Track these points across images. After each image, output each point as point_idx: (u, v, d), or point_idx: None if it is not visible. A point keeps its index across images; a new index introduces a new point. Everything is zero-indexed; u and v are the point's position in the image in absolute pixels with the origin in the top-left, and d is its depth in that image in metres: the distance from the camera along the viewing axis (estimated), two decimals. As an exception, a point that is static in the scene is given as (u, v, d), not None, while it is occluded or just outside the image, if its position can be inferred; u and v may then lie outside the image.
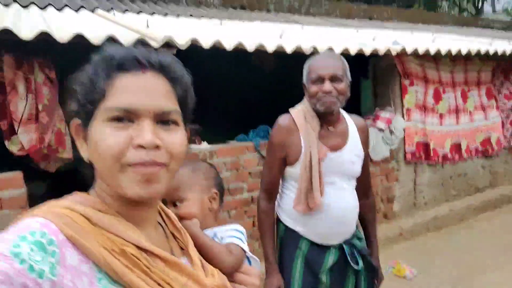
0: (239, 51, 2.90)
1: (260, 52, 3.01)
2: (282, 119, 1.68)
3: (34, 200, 3.83)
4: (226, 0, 6.67)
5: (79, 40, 2.30)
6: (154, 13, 4.91)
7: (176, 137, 0.63)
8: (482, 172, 5.08)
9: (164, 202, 0.90)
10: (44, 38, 2.22)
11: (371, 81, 4.59)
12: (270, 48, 2.93)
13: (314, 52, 3.24)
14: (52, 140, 2.62)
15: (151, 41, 2.52)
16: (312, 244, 1.68)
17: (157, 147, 0.59)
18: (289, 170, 1.69)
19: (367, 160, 1.78)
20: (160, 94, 0.61)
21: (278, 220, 1.78)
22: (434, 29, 7.84)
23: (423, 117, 4.48)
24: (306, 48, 3.12)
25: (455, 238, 4.24)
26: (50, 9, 3.48)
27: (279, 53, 3.10)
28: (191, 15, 5.35)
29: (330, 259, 1.67)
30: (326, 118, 1.64)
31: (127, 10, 4.65)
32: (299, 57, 3.21)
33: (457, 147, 4.75)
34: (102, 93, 0.59)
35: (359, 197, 1.78)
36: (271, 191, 1.72)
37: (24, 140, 2.59)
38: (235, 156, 3.33)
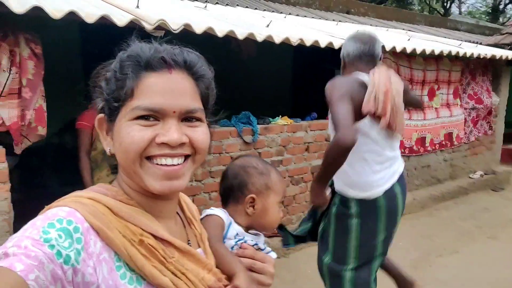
0: (216, 36, 2.88)
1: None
2: None
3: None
4: (207, -17, 6.59)
5: (71, 17, 2.27)
6: (136, -9, 4.79)
7: (199, 133, 0.65)
8: (444, 165, 5.47)
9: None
10: (35, 13, 2.17)
11: (349, 74, 4.77)
12: (260, 37, 3.00)
13: (301, 43, 3.35)
14: (33, 117, 2.57)
15: (144, 22, 2.51)
16: None
17: (181, 144, 0.63)
18: None
19: None
20: (185, 93, 0.63)
21: None
22: (407, 27, 8.18)
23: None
24: (294, 40, 3.22)
25: (417, 223, 4.57)
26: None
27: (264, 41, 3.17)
28: (173, -5, 5.27)
29: None
30: None
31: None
32: (279, 46, 3.29)
33: (422, 141, 5.08)
34: (130, 92, 0.61)
35: None
36: None
37: (5, 115, 2.52)
38: (218, 140, 3.41)
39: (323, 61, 5.14)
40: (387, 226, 1.94)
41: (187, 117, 0.64)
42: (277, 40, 3.13)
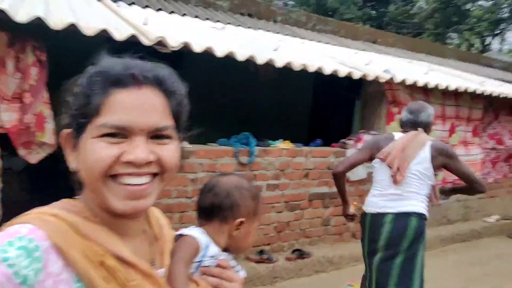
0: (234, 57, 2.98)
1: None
2: None
3: (11, 174, 3.88)
4: (235, 6, 6.79)
5: (74, 28, 2.39)
6: (160, 9, 5.00)
7: (169, 151, 0.63)
8: (456, 205, 5.18)
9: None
10: (39, 23, 2.30)
11: (361, 103, 4.71)
12: (261, 60, 3.03)
13: (304, 69, 3.35)
14: (32, 122, 2.68)
15: (143, 38, 2.61)
16: None
17: (148, 162, 0.61)
18: None
19: None
20: (155, 110, 0.61)
21: None
22: (436, 61, 7.99)
23: (405, 146, 4.59)
24: (297, 65, 3.23)
25: (420, 266, 4.32)
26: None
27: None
28: (196, 16, 5.46)
29: None
30: None
31: (133, 3, 4.75)
32: (300, 72, 3.30)
33: (435, 179, 4.85)
34: (97, 109, 0.59)
35: None
36: None
37: (6, 118, 2.65)
38: (213, 159, 3.42)
39: (343, 89, 5.09)
40: (368, 245, 2.44)
41: (156, 135, 0.62)
42: (279, 64, 3.15)
